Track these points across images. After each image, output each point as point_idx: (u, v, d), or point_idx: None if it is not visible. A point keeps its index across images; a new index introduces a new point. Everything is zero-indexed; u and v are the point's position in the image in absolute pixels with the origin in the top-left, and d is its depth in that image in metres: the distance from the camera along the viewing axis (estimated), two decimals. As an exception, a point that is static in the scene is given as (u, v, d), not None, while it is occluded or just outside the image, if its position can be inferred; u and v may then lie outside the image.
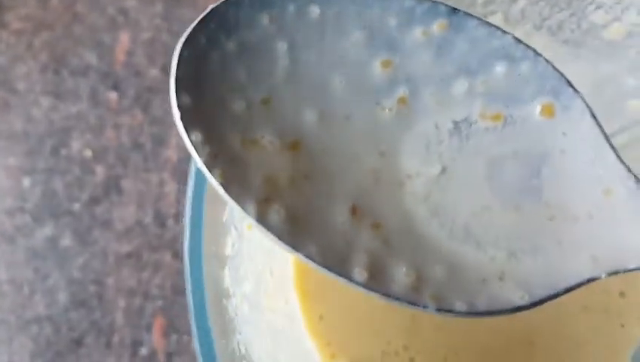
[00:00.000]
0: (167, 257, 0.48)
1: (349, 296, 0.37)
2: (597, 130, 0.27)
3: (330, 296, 0.37)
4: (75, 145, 0.49)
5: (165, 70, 0.50)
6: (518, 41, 0.27)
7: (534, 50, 0.27)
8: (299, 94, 0.27)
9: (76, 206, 0.48)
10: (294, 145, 0.27)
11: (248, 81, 0.26)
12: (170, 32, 0.51)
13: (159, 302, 0.47)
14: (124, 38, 0.51)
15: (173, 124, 0.49)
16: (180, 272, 0.48)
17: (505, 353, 0.38)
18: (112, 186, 0.49)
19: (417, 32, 0.27)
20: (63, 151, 0.49)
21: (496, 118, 0.27)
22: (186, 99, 0.25)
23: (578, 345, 0.38)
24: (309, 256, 0.25)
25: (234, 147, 0.26)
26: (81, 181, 0.49)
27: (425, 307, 0.25)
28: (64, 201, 0.48)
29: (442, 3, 0.27)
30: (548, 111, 0.27)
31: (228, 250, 0.28)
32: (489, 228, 0.27)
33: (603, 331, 0.39)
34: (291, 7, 0.26)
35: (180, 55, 0.25)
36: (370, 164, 0.27)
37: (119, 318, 0.47)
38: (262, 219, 0.25)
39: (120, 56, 0.50)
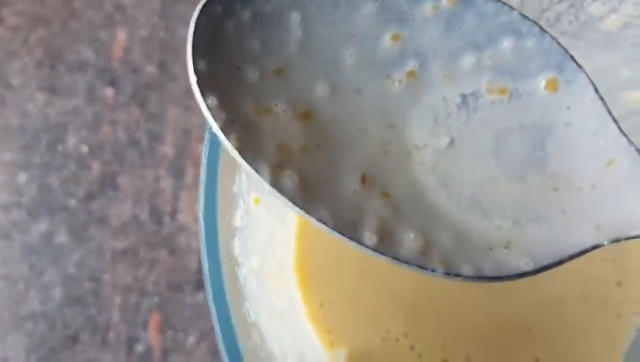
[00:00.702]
0: (164, 254, 0.47)
1: (349, 284, 0.37)
2: (600, 103, 0.27)
3: (330, 284, 0.38)
4: (71, 140, 0.49)
5: (162, 67, 0.50)
6: (525, 17, 0.27)
7: (540, 27, 0.28)
8: (311, 66, 0.27)
9: (72, 202, 0.48)
10: (306, 115, 0.27)
11: (262, 51, 0.27)
12: (167, 29, 0.51)
13: (155, 299, 0.47)
14: (121, 35, 0.51)
15: (169, 121, 0.49)
16: (176, 269, 0.47)
17: (503, 340, 0.38)
18: (108, 182, 0.49)
19: (427, 6, 0.28)
20: (59, 147, 0.49)
21: (502, 91, 0.28)
22: (202, 65, 0.25)
23: (575, 333, 0.38)
24: (320, 220, 0.26)
25: (249, 114, 0.26)
26: (77, 177, 0.48)
27: (433, 271, 0.26)
28: (60, 197, 0.48)
29: None
30: (552, 85, 0.28)
31: (237, 222, 0.29)
32: (495, 198, 0.28)
33: (600, 320, 0.39)
34: None
35: (197, 22, 0.25)
36: (379, 135, 0.28)
37: (115, 315, 0.47)
38: (276, 184, 0.26)
39: (117, 52, 0.51)
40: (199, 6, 0.25)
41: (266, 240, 0.34)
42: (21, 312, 0.47)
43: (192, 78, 0.25)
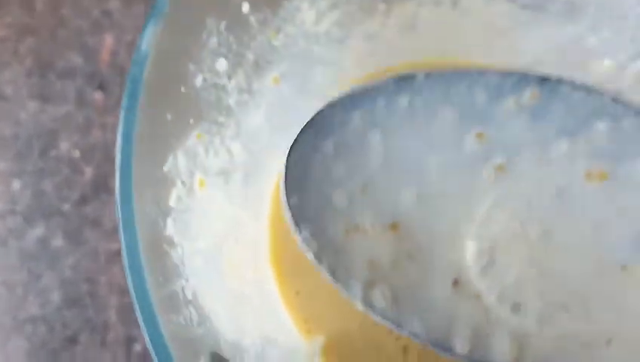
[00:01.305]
0: (159, 253, 0.48)
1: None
2: None
3: (306, 272, 0.37)
4: (63, 145, 0.50)
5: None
6: (617, 100, 0.27)
7: (635, 109, 0.27)
8: (395, 177, 0.28)
9: (66, 206, 0.49)
10: (394, 227, 0.28)
11: (347, 174, 0.28)
12: (153, 32, 0.51)
13: (151, 298, 0.47)
14: (109, 40, 0.51)
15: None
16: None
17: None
18: (101, 185, 0.49)
19: (509, 103, 0.27)
20: (52, 153, 0.50)
21: (602, 176, 0.27)
22: (294, 200, 0.28)
23: None
24: (413, 333, 0.27)
25: (338, 236, 0.28)
26: (70, 181, 0.49)
27: None
28: (54, 202, 0.49)
29: (532, 73, 0.27)
30: None
31: (172, 202, 0.29)
32: (597, 290, 0.26)
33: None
34: (381, 101, 0.28)
35: (287, 161, 0.27)
36: (472, 235, 0.27)
37: (112, 315, 0.47)
38: (367, 301, 0.27)
39: (105, 57, 0.51)
40: (289, 149, 0.27)
41: (224, 227, 0.34)
42: (21, 316, 0.48)
43: (287, 214, 0.27)
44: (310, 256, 0.27)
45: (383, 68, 0.38)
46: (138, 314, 0.24)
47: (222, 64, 0.31)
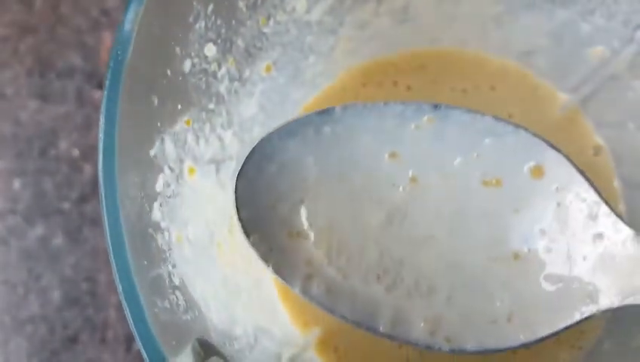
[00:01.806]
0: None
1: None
2: (583, 181, 0.31)
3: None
4: (63, 145, 0.50)
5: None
6: (498, 119, 0.32)
7: (514, 124, 0.32)
8: (327, 191, 0.33)
9: (66, 205, 0.49)
10: (328, 230, 0.33)
11: (287, 190, 0.33)
12: (152, 31, 0.52)
13: (151, 296, 0.47)
14: (107, 38, 0.52)
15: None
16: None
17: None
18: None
19: (411, 127, 0.32)
20: (52, 152, 0.50)
21: (497, 182, 0.32)
22: (244, 213, 0.33)
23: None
24: (342, 317, 0.32)
25: (282, 240, 0.33)
26: (70, 180, 0.49)
27: (439, 349, 0.31)
28: (54, 201, 0.49)
29: (425, 103, 0.32)
30: (538, 172, 0.32)
31: (159, 187, 0.29)
32: (496, 276, 0.32)
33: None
34: (309, 130, 0.33)
35: (237, 183, 0.33)
36: (390, 235, 0.33)
37: (112, 314, 0.47)
38: (305, 292, 0.32)
39: (104, 55, 0.51)
40: (237, 173, 0.33)
41: (216, 215, 0.34)
42: (21, 316, 0.48)
43: (239, 224, 0.32)
44: (259, 256, 0.32)
45: (377, 57, 0.38)
46: (120, 293, 0.24)
47: (211, 49, 0.31)
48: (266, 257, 0.32)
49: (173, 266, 0.28)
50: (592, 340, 0.36)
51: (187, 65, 0.29)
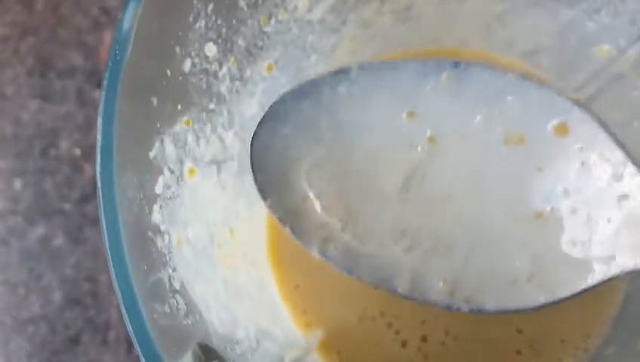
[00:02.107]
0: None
1: (325, 264, 0.37)
2: (609, 139, 0.30)
3: (306, 265, 0.37)
4: (64, 144, 0.49)
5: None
6: (521, 76, 0.31)
7: (537, 82, 0.31)
8: (341, 154, 0.33)
9: (67, 205, 0.49)
10: (343, 195, 0.33)
11: (302, 153, 0.33)
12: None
13: (152, 297, 0.47)
14: (108, 37, 0.51)
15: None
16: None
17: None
18: (102, 183, 0.49)
19: (430, 85, 0.32)
20: (52, 152, 0.49)
21: (520, 140, 0.31)
22: (260, 177, 0.33)
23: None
24: (360, 277, 0.32)
25: (297, 204, 0.33)
26: (70, 180, 0.49)
27: (458, 309, 0.31)
28: (55, 201, 0.49)
29: (445, 59, 0.31)
30: (562, 130, 0.31)
31: (158, 189, 0.29)
32: (517, 236, 0.31)
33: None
34: (325, 91, 0.32)
35: (252, 146, 0.33)
36: (407, 197, 0.32)
37: (114, 315, 0.47)
38: (324, 254, 0.33)
39: (104, 54, 0.51)
40: (253, 134, 0.33)
41: (217, 217, 0.34)
42: (22, 316, 0.47)
43: (256, 187, 0.33)
44: (276, 219, 0.33)
45: (379, 56, 0.38)
46: (119, 299, 0.24)
47: (211, 49, 0.30)
48: (282, 220, 0.33)
49: (174, 270, 0.28)
50: (597, 343, 0.36)
51: (187, 64, 0.29)
